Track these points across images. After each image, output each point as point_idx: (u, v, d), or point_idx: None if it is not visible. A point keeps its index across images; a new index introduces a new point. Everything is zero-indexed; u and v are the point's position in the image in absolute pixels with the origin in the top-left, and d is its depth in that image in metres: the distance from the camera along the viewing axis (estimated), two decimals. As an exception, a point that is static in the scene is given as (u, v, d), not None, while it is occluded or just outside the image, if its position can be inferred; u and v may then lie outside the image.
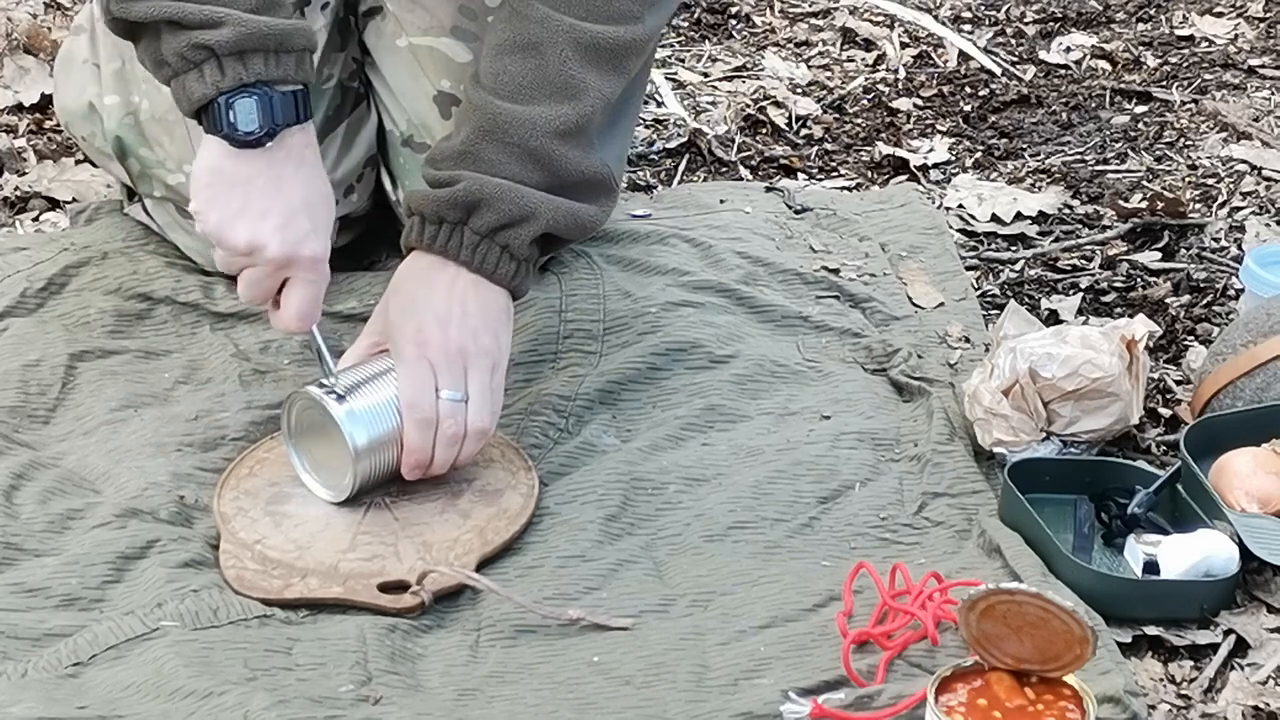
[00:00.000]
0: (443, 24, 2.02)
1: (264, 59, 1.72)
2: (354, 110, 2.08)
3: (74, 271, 2.11)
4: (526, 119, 1.81)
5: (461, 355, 1.77)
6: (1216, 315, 2.18)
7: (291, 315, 1.77)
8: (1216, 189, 2.46)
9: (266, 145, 1.73)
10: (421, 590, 1.68)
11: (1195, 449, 1.81)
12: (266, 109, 1.73)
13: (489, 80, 1.83)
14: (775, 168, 2.52)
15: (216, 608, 1.66)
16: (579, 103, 1.83)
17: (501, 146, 1.81)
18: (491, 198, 1.79)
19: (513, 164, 1.81)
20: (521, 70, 1.82)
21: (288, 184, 1.75)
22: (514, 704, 1.57)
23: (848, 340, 2.08)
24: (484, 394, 1.77)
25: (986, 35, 2.91)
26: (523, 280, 1.84)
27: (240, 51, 1.71)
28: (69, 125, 2.16)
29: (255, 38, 1.71)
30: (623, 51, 1.85)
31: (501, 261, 1.81)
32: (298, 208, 1.74)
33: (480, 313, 1.80)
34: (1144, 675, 1.64)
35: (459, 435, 1.76)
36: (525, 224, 1.81)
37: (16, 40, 2.61)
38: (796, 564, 1.74)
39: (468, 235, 1.80)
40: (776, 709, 1.54)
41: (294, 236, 1.74)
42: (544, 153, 1.81)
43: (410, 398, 1.75)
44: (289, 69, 1.73)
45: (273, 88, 1.72)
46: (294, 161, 1.75)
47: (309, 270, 1.76)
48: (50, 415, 1.92)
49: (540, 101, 1.82)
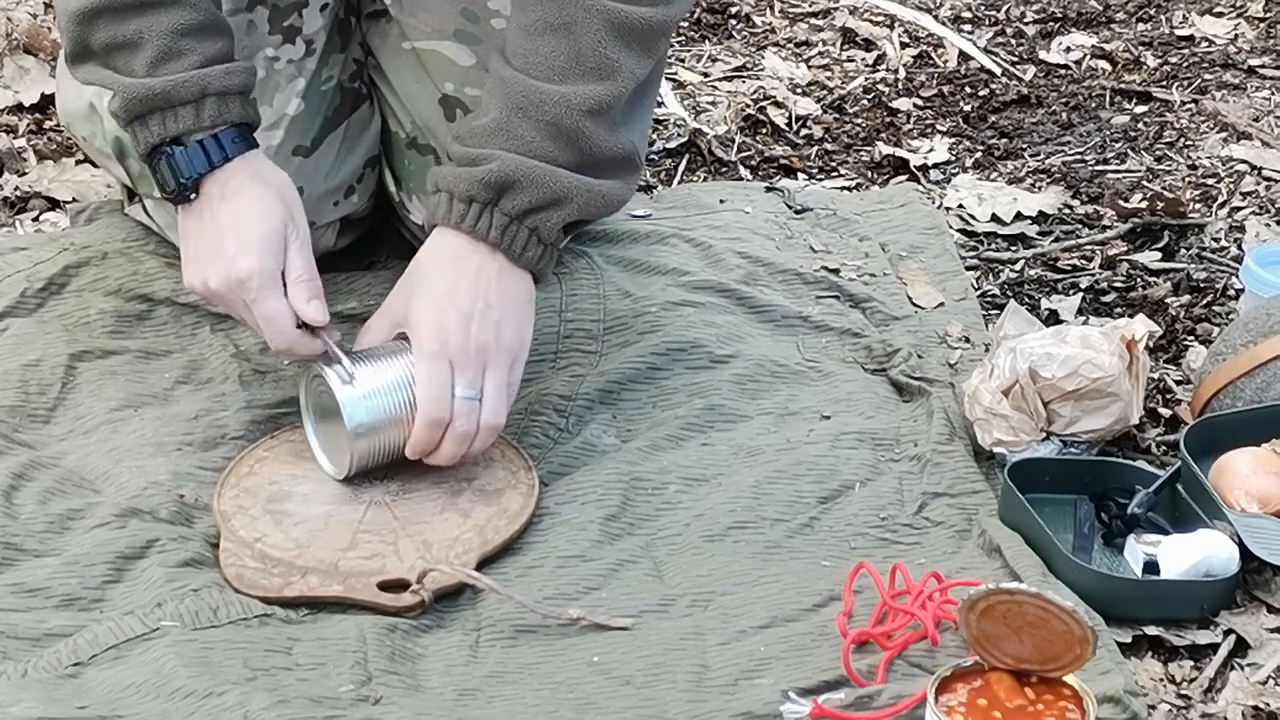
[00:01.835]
0: (445, 28, 2.02)
1: (160, 119, 1.78)
2: (355, 111, 2.08)
3: (74, 271, 2.11)
4: (560, 97, 1.81)
5: (482, 353, 1.77)
6: (1216, 315, 2.18)
7: (268, 337, 1.79)
8: (1216, 189, 2.46)
9: (191, 199, 1.79)
10: (421, 589, 1.68)
11: (1195, 449, 1.81)
12: (173, 166, 1.78)
13: (519, 60, 1.83)
14: (775, 168, 2.52)
15: (216, 607, 1.66)
16: (612, 82, 1.83)
17: (535, 124, 1.81)
18: (525, 179, 1.79)
19: (545, 141, 1.81)
20: (555, 50, 1.82)
21: (217, 216, 1.78)
22: (514, 704, 1.57)
23: (848, 340, 2.08)
24: (500, 392, 1.78)
25: (986, 35, 2.91)
26: (547, 265, 1.84)
27: (134, 117, 1.78)
28: (70, 126, 2.16)
29: (139, 102, 1.77)
30: (655, 32, 1.86)
31: (529, 245, 1.81)
32: (223, 231, 1.77)
33: (504, 305, 1.79)
34: (1144, 675, 1.64)
35: (471, 433, 1.77)
36: (557, 208, 1.81)
37: (16, 40, 2.61)
38: (796, 564, 1.74)
39: (498, 217, 1.80)
40: (776, 709, 1.54)
41: (223, 263, 1.77)
42: (577, 131, 1.81)
43: (427, 395, 1.75)
44: (187, 123, 1.77)
45: (178, 143, 1.78)
46: (217, 196, 1.78)
47: (249, 289, 1.76)
48: (50, 415, 1.92)
49: (574, 80, 1.82)
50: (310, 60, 2.03)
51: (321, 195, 2.04)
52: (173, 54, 1.77)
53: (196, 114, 1.77)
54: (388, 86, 2.08)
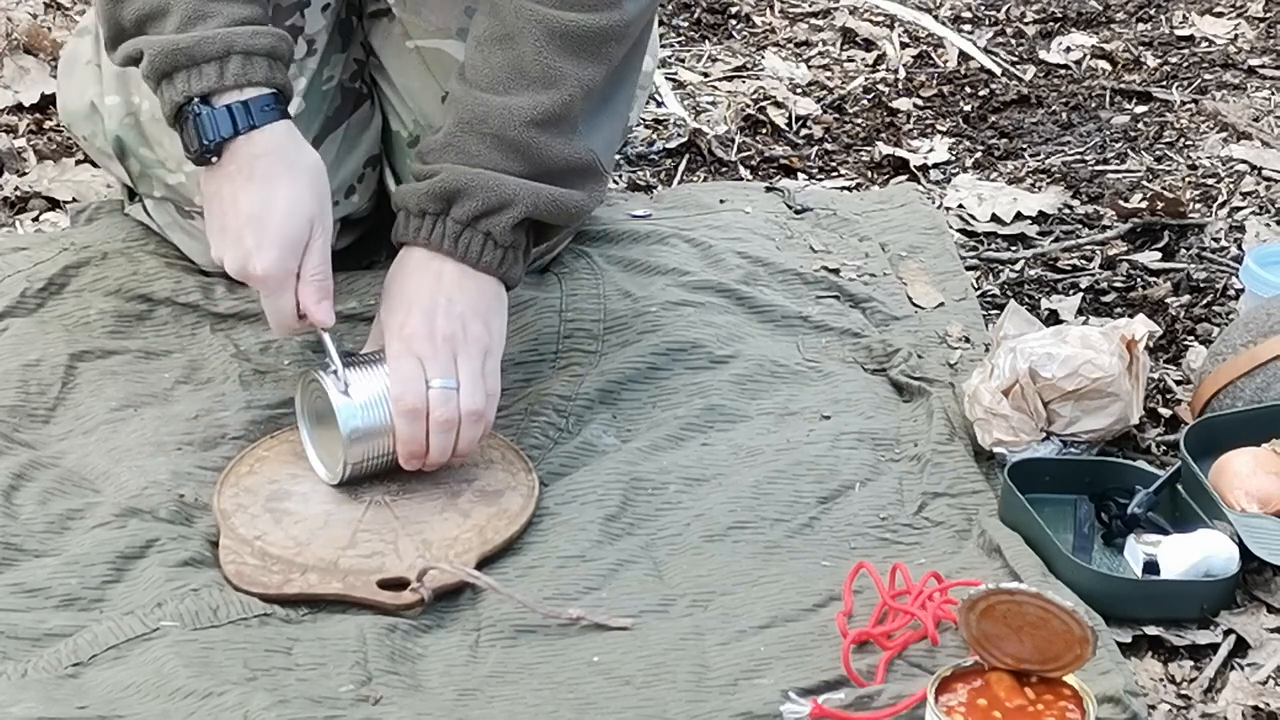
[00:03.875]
0: (448, 26, 2.02)
1: (186, 76, 1.75)
2: (355, 111, 2.08)
3: (74, 271, 2.11)
4: (504, 109, 1.82)
5: (449, 343, 1.78)
6: (1216, 315, 2.18)
7: (271, 323, 1.80)
8: (1216, 189, 2.46)
9: (213, 162, 1.77)
10: (421, 587, 1.68)
11: (1195, 449, 1.81)
12: (199, 127, 1.76)
13: (470, 73, 1.86)
14: (775, 168, 2.52)
15: (216, 607, 1.66)
16: (556, 91, 1.83)
17: (480, 137, 1.83)
18: (470, 186, 1.81)
19: (493, 153, 1.82)
20: (499, 61, 1.84)
21: (239, 198, 1.77)
22: (514, 704, 1.57)
23: (848, 340, 2.08)
24: (475, 379, 1.78)
25: (986, 35, 2.91)
26: (511, 267, 1.84)
27: (162, 75, 1.76)
28: (70, 125, 2.16)
29: (165, 58, 1.75)
30: (600, 38, 1.86)
31: (486, 249, 1.82)
32: (244, 221, 1.76)
33: (467, 300, 1.81)
34: (1144, 675, 1.64)
35: (452, 421, 1.77)
36: (505, 210, 1.82)
37: (16, 40, 2.61)
38: (796, 564, 1.74)
39: (450, 225, 1.82)
40: (776, 709, 1.54)
41: (240, 255, 1.76)
42: (523, 142, 1.83)
43: (397, 390, 1.76)
44: (210, 80, 1.75)
45: (206, 103, 1.75)
46: (243, 175, 1.77)
47: (261, 285, 1.77)
48: (50, 415, 1.92)
49: (517, 91, 1.83)
50: (311, 60, 2.03)
51: (322, 195, 2.04)
52: (200, 16, 1.76)
53: (221, 71, 1.75)
54: (390, 85, 2.08)
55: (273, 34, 1.79)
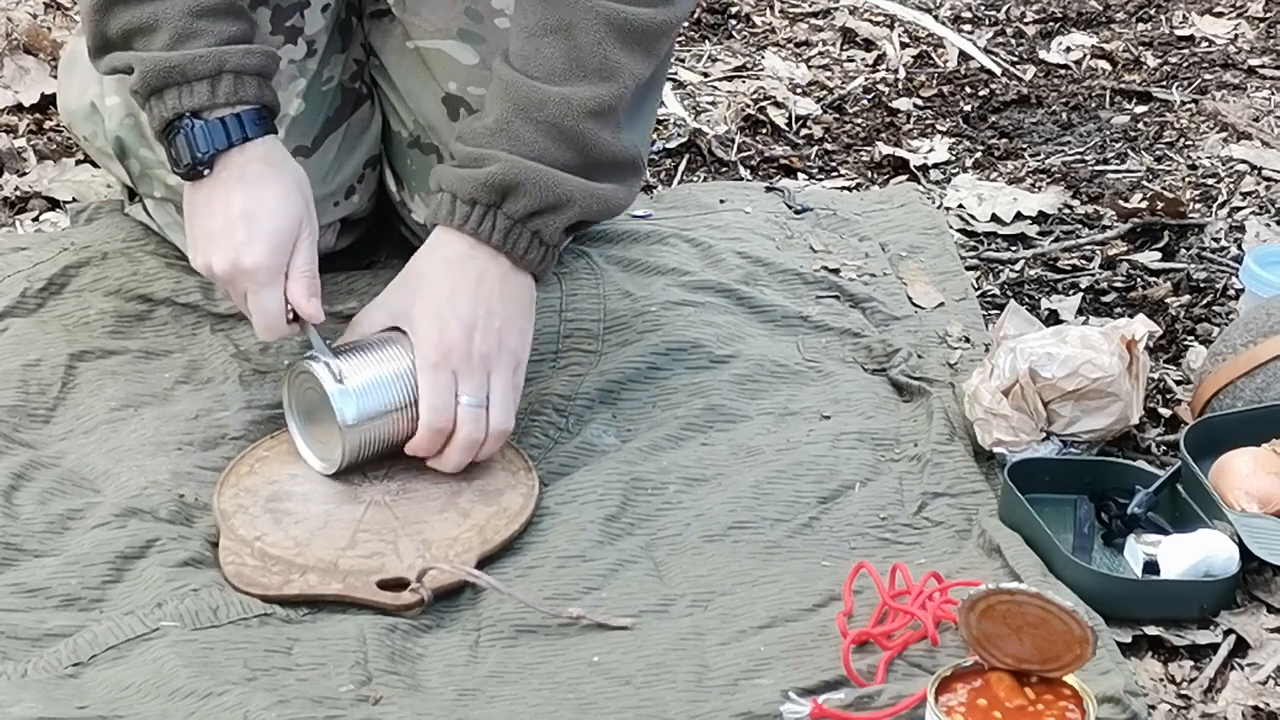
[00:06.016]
0: (449, 27, 2.02)
1: (177, 93, 1.76)
2: (355, 111, 2.08)
3: (74, 272, 2.11)
4: (561, 99, 1.81)
5: (485, 361, 1.78)
6: (1216, 315, 2.18)
7: (257, 326, 1.79)
8: (1216, 189, 2.46)
9: (205, 174, 1.78)
10: (421, 587, 1.68)
11: (1195, 449, 1.81)
12: (190, 142, 1.77)
13: (521, 62, 1.84)
14: (775, 168, 2.52)
15: (216, 607, 1.66)
16: (613, 84, 1.83)
17: (535, 125, 1.81)
18: (527, 182, 1.79)
19: (547, 142, 1.81)
20: (555, 52, 1.83)
21: (231, 198, 1.77)
22: (514, 704, 1.57)
23: (848, 340, 2.08)
24: (507, 397, 1.79)
25: (986, 35, 2.91)
26: (549, 266, 1.85)
27: (152, 91, 1.77)
28: (71, 125, 2.16)
29: (156, 75, 1.76)
30: (655, 33, 1.86)
31: (531, 247, 1.81)
32: (235, 218, 1.77)
33: (506, 311, 1.80)
34: (1144, 675, 1.64)
35: (478, 440, 1.77)
36: (559, 211, 1.81)
37: (16, 40, 2.61)
38: (796, 564, 1.74)
39: (500, 220, 1.80)
40: (776, 709, 1.54)
41: (231, 249, 1.76)
42: (578, 133, 1.82)
43: (430, 405, 1.76)
44: (202, 98, 1.76)
45: (197, 117, 1.77)
46: (235, 178, 1.78)
47: (251, 281, 1.77)
48: (50, 415, 1.92)
49: (574, 82, 1.82)
50: (311, 61, 2.03)
51: (322, 196, 2.03)
52: (189, 34, 1.77)
53: (212, 90, 1.76)
54: (390, 86, 2.08)
55: (263, 52, 1.80)
